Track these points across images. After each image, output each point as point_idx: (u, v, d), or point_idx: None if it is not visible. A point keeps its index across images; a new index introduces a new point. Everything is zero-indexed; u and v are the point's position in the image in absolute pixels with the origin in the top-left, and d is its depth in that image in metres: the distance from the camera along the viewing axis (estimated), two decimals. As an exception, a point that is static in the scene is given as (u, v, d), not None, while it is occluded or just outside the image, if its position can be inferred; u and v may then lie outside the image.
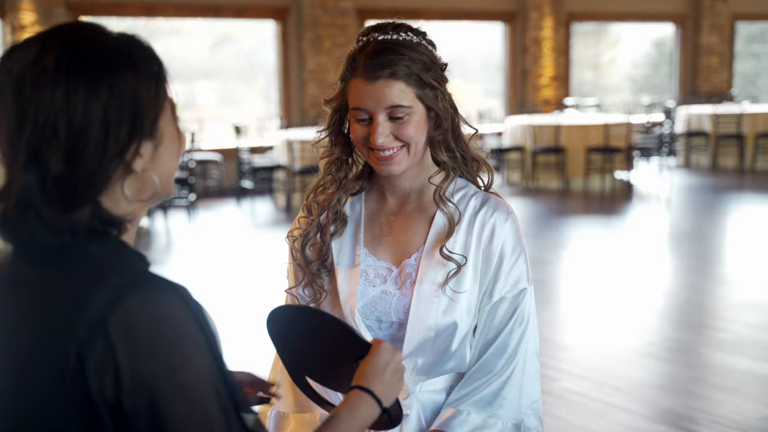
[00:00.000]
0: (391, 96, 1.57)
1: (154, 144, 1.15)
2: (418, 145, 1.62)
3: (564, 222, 9.34)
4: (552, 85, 13.98)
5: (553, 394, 4.36)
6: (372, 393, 1.30)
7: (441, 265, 1.65)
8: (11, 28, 9.87)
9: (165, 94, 1.18)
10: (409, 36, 1.61)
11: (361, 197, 1.75)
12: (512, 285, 1.66)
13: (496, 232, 1.66)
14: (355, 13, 11.94)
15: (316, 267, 1.69)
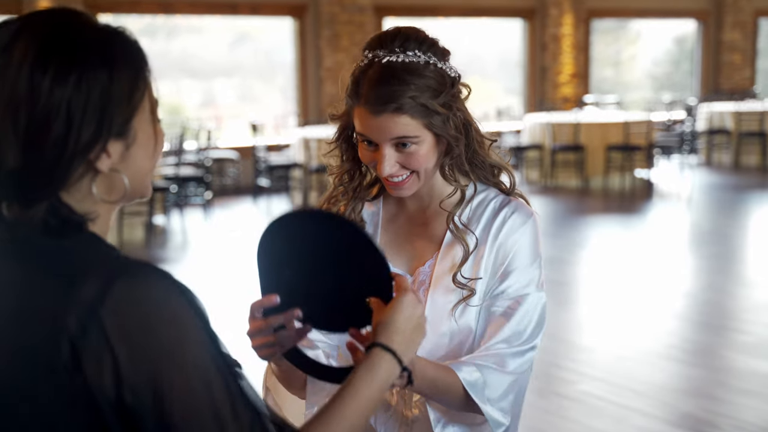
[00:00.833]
0: (396, 129, 1.50)
1: (126, 144, 1.11)
2: (428, 170, 1.57)
3: (583, 221, 9.24)
4: (571, 83, 13.86)
5: (571, 397, 4.29)
6: (394, 352, 1.23)
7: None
8: (29, 25, 9.87)
9: (143, 92, 1.13)
10: (417, 56, 1.51)
11: (380, 201, 1.70)
12: (517, 288, 1.58)
13: (512, 234, 1.60)
14: (372, 10, 11.88)
15: None
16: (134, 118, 1.12)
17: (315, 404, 1.62)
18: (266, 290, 1.35)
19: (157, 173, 8.57)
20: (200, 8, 11.09)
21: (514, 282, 1.58)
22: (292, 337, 1.37)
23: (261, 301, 1.35)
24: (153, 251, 7.97)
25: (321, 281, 1.32)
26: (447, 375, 1.46)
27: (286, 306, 1.34)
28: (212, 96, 12.72)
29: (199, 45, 12.18)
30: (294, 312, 1.34)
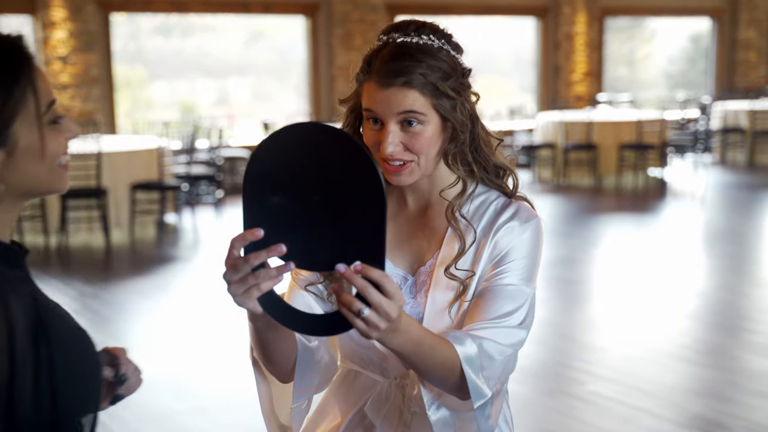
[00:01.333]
0: (403, 103, 1.47)
1: (6, 152, 1.15)
2: (429, 156, 1.53)
3: (595, 220, 9.18)
4: (585, 81, 13.79)
5: (581, 397, 4.25)
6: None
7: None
8: (42, 24, 9.91)
9: (20, 99, 1.15)
10: (431, 39, 1.51)
11: None
12: (508, 277, 1.54)
13: (510, 234, 1.56)
14: (385, 9, 11.86)
15: None
16: (12, 126, 1.14)
17: (303, 396, 1.59)
18: (250, 223, 1.24)
19: (168, 172, 8.58)
20: (213, 7, 11.10)
21: (505, 272, 1.54)
22: (273, 277, 1.25)
23: (243, 234, 1.24)
24: (164, 249, 7.97)
25: (309, 210, 1.23)
26: (433, 339, 1.38)
27: (270, 241, 1.23)
28: (226, 94, 12.73)
29: (213, 43, 12.20)
30: (277, 247, 1.23)
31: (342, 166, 1.20)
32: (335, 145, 1.21)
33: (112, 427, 4.00)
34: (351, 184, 1.20)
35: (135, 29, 11.74)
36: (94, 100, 10.23)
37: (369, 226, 1.20)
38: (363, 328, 1.22)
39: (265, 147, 1.25)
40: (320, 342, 1.58)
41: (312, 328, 1.30)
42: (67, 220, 7.93)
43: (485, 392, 1.43)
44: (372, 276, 1.20)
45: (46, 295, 1.26)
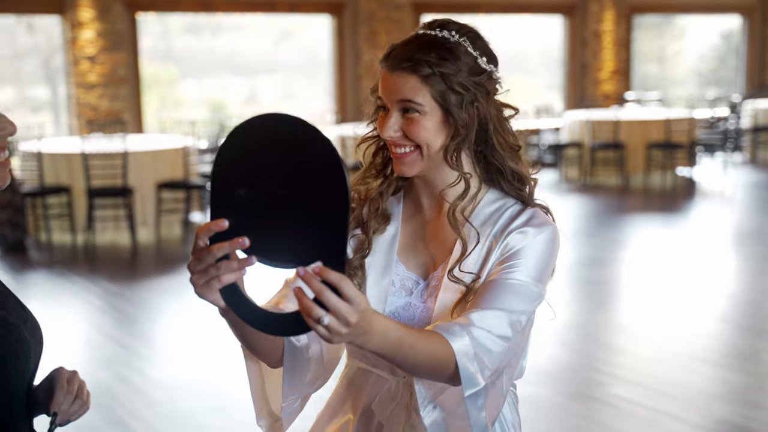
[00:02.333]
0: (403, 90, 1.48)
1: None
2: (431, 148, 1.51)
3: (623, 220, 9.10)
4: (612, 79, 13.68)
5: (602, 400, 4.20)
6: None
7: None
8: (71, 24, 9.99)
9: None
10: (451, 35, 1.51)
11: (400, 198, 1.65)
12: (515, 273, 1.49)
13: (522, 237, 1.53)
14: (410, 7, 11.83)
15: (358, 261, 1.60)
16: None
17: (294, 394, 1.56)
18: (216, 214, 1.22)
19: (194, 171, 8.61)
20: (240, 6, 11.14)
21: (514, 268, 1.50)
22: (234, 269, 1.23)
23: (208, 225, 1.22)
24: (189, 248, 7.99)
25: (274, 205, 1.20)
26: (414, 337, 1.34)
27: (235, 233, 1.21)
28: (256, 93, 12.76)
29: (243, 42, 12.24)
30: (239, 240, 1.21)
31: (309, 162, 1.18)
32: (304, 140, 1.18)
33: (134, 425, 4.02)
34: (316, 181, 1.18)
35: (165, 28, 11.81)
36: (122, 100, 10.30)
37: (331, 227, 1.18)
38: (324, 334, 1.19)
39: (235, 137, 1.23)
40: (310, 339, 1.55)
41: (273, 328, 1.26)
42: (94, 218, 7.99)
43: (478, 381, 1.39)
44: (330, 279, 1.16)
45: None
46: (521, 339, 1.52)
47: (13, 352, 1.31)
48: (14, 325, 1.33)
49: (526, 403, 4.09)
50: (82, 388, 1.49)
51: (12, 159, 7.92)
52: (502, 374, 1.49)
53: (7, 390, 1.31)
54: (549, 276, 1.55)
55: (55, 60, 10.45)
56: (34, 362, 1.39)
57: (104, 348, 5.22)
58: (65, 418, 1.46)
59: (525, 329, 1.52)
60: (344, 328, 1.18)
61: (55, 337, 5.37)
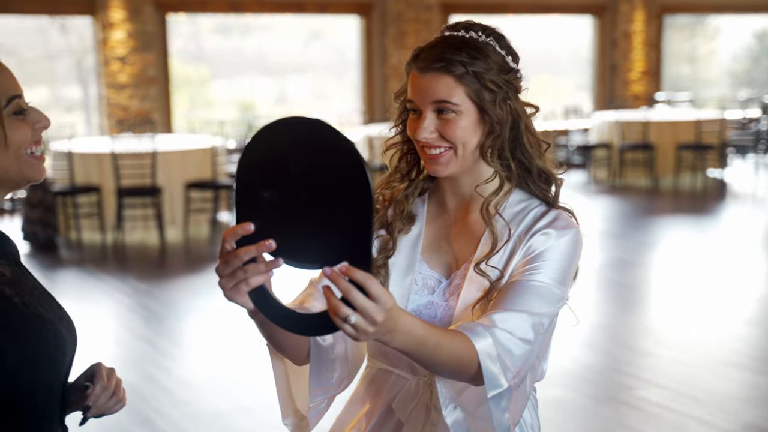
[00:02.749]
0: (438, 90, 1.50)
1: None
2: (467, 147, 1.53)
3: (652, 222, 9.03)
4: (642, 80, 13.57)
5: (629, 403, 4.18)
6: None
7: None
8: (102, 25, 10.09)
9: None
10: (478, 35, 1.53)
11: (425, 199, 1.67)
12: (538, 275, 1.50)
13: (545, 239, 1.53)
14: (439, 7, 11.82)
15: (381, 260, 1.62)
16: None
17: (320, 395, 1.57)
18: (242, 217, 1.24)
19: (222, 170, 8.66)
20: (268, 7, 11.19)
21: (537, 270, 1.50)
22: (262, 272, 1.24)
23: (234, 228, 1.23)
24: (217, 248, 8.04)
25: (298, 207, 1.21)
26: (439, 336, 1.35)
27: (261, 236, 1.22)
28: (285, 93, 12.82)
29: (272, 43, 12.30)
30: (266, 243, 1.22)
31: (332, 164, 1.19)
32: (327, 143, 1.19)
33: (161, 425, 4.05)
34: (340, 183, 1.19)
35: (195, 29, 11.90)
36: (152, 100, 10.38)
37: (356, 228, 1.19)
38: (351, 333, 1.20)
39: (259, 139, 1.24)
40: (336, 339, 1.57)
41: (301, 327, 1.28)
42: (123, 218, 8.06)
43: (501, 382, 1.40)
44: (356, 278, 1.18)
45: (14, 277, 1.36)
46: (543, 342, 1.52)
47: (50, 348, 1.35)
48: (51, 321, 1.37)
49: (551, 406, 4.10)
50: (119, 385, 1.53)
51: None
52: (526, 377, 1.49)
53: (44, 385, 1.34)
54: (571, 279, 1.56)
55: (87, 60, 10.56)
56: (69, 359, 1.43)
57: (132, 346, 5.26)
58: (100, 412, 1.50)
59: (547, 332, 1.52)
60: (371, 327, 1.20)
61: (84, 334, 5.41)
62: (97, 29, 10.19)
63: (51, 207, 7.91)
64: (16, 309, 1.32)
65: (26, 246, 7.92)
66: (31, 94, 10.98)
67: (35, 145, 1.35)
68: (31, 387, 1.32)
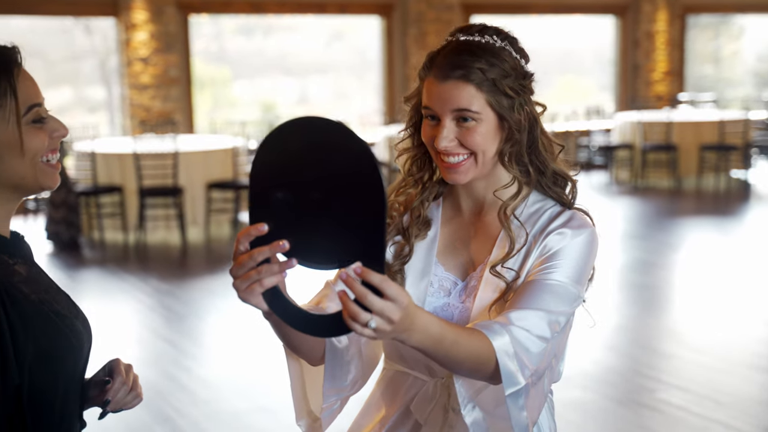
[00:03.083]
0: (458, 99, 1.49)
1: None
2: (486, 154, 1.53)
3: (674, 223, 8.96)
4: (665, 80, 13.48)
5: (650, 406, 4.15)
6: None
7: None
8: (125, 26, 10.16)
9: (3, 100, 1.31)
10: (494, 39, 1.52)
11: (440, 203, 1.67)
12: (553, 273, 1.49)
13: (560, 238, 1.53)
14: (460, 7, 11.79)
15: (398, 266, 1.62)
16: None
17: (334, 396, 1.57)
18: (255, 218, 1.24)
19: (243, 171, 8.69)
20: (289, 7, 11.21)
21: (553, 269, 1.50)
22: (275, 272, 1.24)
23: (248, 229, 1.23)
24: (238, 248, 8.07)
25: (311, 207, 1.21)
26: (456, 334, 1.34)
27: (275, 237, 1.22)
28: (307, 93, 12.85)
29: (294, 43, 12.33)
30: (279, 243, 1.22)
31: (345, 164, 1.18)
32: (341, 143, 1.18)
33: (181, 424, 4.07)
34: (353, 183, 1.18)
35: (218, 30, 11.95)
36: (174, 100, 10.43)
37: (369, 228, 1.18)
38: (370, 335, 1.20)
39: (273, 139, 1.23)
40: (350, 341, 1.57)
41: (315, 329, 1.27)
42: (145, 217, 8.11)
43: (518, 379, 1.39)
44: (372, 280, 1.17)
45: (31, 276, 1.40)
46: (560, 341, 1.51)
47: (67, 344, 1.38)
48: (68, 317, 1.40)
49: (571, 408, 4.08)
50: (136, 380, 1.56)
51: (65, 159, 8.07)
52: (544, 375, 1.50)
53: (62, 380, 1.37)
54: (587, 278, 1.56)
55: (111, 61, 10.63)
56: (86, 354, 1.46)
57: (153, 345, 5.29)
58: (118, 407, 1.52)
59: (563, 332, 1.51)
60: (389, 326, 1.20)
61: (105, 333, 5.45)
62: (120, 30, 10.26)
63: (74, 207, 7.97)
64: (34, 306, 1.34)
65: (49, 245, 7.98)
66: (56, 95, 11.09)
67: (51, 153, 1.39)
68: (51, 382, 1.34)
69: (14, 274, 1.35)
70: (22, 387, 1.29)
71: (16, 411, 1.30)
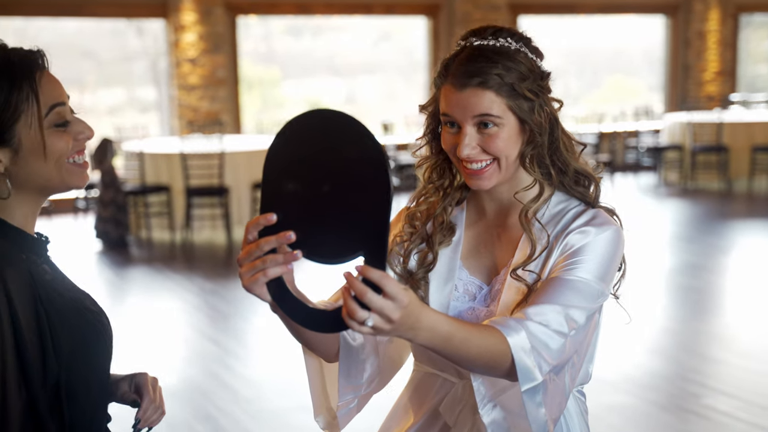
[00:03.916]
0: (479, 105, 1.48)
1: (12, 150, 1.34)
2: (509, 159, 1.52)
3: (724, 226, 8.81)
4: (716, 81, 13.25)
5: (695, 411, 4.08)
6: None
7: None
8: (174, 27, 10.28)
9: (25, 104, 1.33)
10: (508, 42, 1.51)
11: (463, 206, 1.66)
12: (571, 267, 1.47)
13: (583, 236, 1.51)
14: (507, 8, 11.73)
15: (422, 274, 1.61)
16: (14, 127, 1.33)
17: (349, 393, 1.57)
18: (266, 208, 1.25)
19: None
20: (336, 8, 11.26)
21: (575, 266, 1.47)
22: (279, 263, 1.23)
23: (257, 219, 1.24)
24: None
25: (319, 200, 1.21)
26: (466, 332, 1.32)
27: (283, 227, 1.22)
28: (355, 93, 12.89)
29: (342, 43, 12.38)
30: (285, 234, 1.21)
31: (354, 159, 1.19)
32: (350, 137, 1.19)
33: (223, 423, 4.10)
34: (359, 179, 1.18)
35: (267, 30, 12.04)
36: (221, 101, 10.54)
37: (373, 224, 1.18)
38: (368, 333, 1.20)
39: (285, 132, 1.24)
40: (366, 340, 1.57)
41: (314, 324, 1.27)
42: (192, 217, 8.20)
43: (535, 375, 1.37)
44: (372, 277, 1.16)
45: (55, 275, 1.42)
46: (583, 338, 1.49)
47: (99, 338, 1.42)
48: (96, 312, 1.45)
49: (613, 412, 4.03)
50: (161, 395, 1.58)
51: (115, 159, 8.19)
52: (564, 372, 1.47)
53: (95, 373, 1.42)
54: (613, 275, 1.53)
55: (162, 62, 10.77)
56: (111, 348, 1.49)
57: (197, 344, 5.34)
58: (147, 425, 1.56)
59: (587, 329, 1.49)
60: (387, 325, 1.19)
61: (150, 331, 5.52)
62: (169, 31, 10.39)
63: (122, 206, 8.09)
64: (67, 303, 1.38)
65: (98, 244, 8.11)
66: (109, 96, 11.27)
67: (78, 154, 1.41)
68: (85, 375, 1.38)
69: (45, 273, 1.39)
70: (60, 378, 1.33)
71: (55, 401, 1.33)
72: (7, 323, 1.27)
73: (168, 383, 4.58)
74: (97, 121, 10.94)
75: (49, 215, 9.40)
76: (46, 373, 1.31)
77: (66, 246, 8.11)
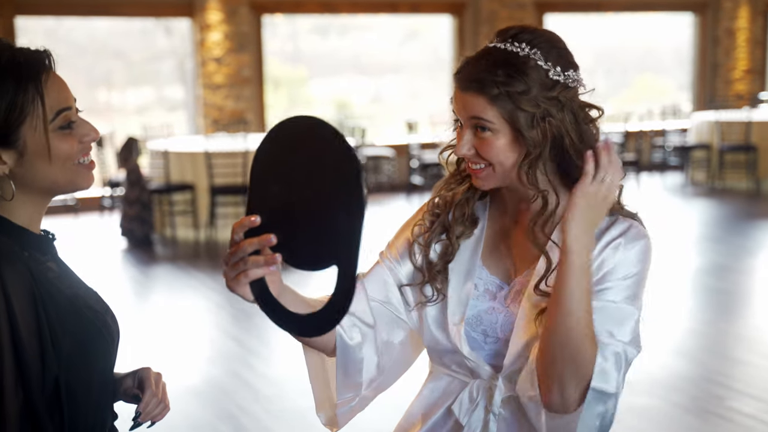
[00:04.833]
0: (473, 108, 1.47)
1: (18, 152, 1.34)
2: (504, 166, 1.49)
3: (753, 226, 8.70)
4: (746, 79, 13.10)
5: (719, 414, 4.03)
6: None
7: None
8: (200, 27, 10.33)
9: (31, 106, 1.32)
10: (522, 49, 1.46)
11: (487, 202, 1.64)
12: (604, 291, 1.46)
13: (615, 252, 1.48)
14: (533, 6, 11.66)
15: (440, 266, 1.60)
16: (20, 130, 1.32)
17: (348, 392, 1.58)
18: (252, 209, 1.26)
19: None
20: (361, 7, 11.25)
21: (607, 290, 1.46)
22: (260, 264, 1.25)
23: (242, 220, 1.26)
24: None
25: (300, 205, 1.22)
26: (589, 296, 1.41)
27: (267, 230, 1.24)
28: (381, 92, 12.90)
29: (368, 42, 12.39)
30: (266, 237, 1.23)
31: (332, 166, 1.19)
32: (330, 145, 1.20)
33: (244, 422, 4.11)
34: (336, 186, 1.19)
35: (293, 30, 12.07)
36: (246, 100, 10.57)
37: (347, 233, 1.18)
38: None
39: (274, 134, 1.26)
40: (365, 339, 1.58)
41: (292, 327, 1.31)
42: (216, 215, 8.23)
43: (610, 379, 1.41)
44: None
45: (62, 273, 1.43)
46: None
47: (101, 337, 1.42)
48: (99, 312, 1.44)
49: (636, 414, 3.99)
50: (165, 390, 1.58)
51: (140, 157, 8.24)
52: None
53: (96, 372, 1.42)
54: (644, 290, 1.51)
55: (189, 61, 10.83)
56: (116, 349, 1.50)
57: (219, 343, 5.36)
58: (149, 418, 1.56)
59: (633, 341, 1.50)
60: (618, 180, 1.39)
61: (173, 329, 5.55)
62: (195, 31, 10.43)
63: (147, 204, 8.14)
64: (68, 301, 1.38)
65: (123, 242, 8.17)
66: (137, 95, 11.36)
67: (83, 155, 1.40)
68: (86, 374, 1.38)
69: (48, 271, 1.38)
70: (59, 379, 1.33)
71: (54, 402, 1.33)
72: (5, 322, 1.27)
73: (191, 382, 4.60)
74: (125, 120, 11.03)
75: (76, 213, 9.48)
76: (45, 373, 1.31)
77: (91, 244, 8.18)
